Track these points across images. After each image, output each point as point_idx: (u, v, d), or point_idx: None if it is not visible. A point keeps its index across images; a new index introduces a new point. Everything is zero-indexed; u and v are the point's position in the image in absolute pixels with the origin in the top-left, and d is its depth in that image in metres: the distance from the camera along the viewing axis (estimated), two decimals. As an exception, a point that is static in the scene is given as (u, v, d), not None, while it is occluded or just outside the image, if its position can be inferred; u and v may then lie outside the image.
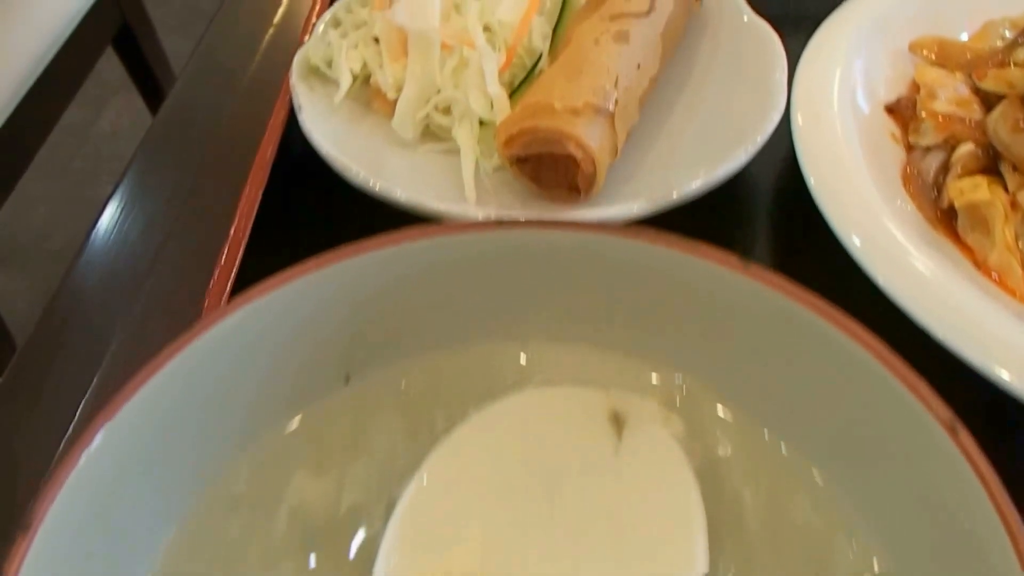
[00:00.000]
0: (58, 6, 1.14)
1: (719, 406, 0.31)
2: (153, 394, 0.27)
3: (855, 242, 0.41)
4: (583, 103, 0.41)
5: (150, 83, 1.36)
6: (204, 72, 0.67)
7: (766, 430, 0.30)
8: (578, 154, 0.41)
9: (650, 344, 0.32)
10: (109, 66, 1.30)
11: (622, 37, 0.45)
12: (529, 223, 0.31)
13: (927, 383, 0.26)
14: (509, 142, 0.42)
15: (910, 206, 0.45)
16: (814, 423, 0.29)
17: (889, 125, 0.49)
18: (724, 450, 0.30)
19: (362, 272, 0.30)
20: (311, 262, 0.29)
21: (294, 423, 0.31)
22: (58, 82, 1.14)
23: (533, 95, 0.43)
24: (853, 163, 0.45)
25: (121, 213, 0.55)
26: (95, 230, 0.54)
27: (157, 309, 0.47)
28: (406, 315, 0.32)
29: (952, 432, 0.25)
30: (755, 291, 0.29)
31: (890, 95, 0.51)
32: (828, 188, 0.43)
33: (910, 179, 0.46)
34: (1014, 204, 0.42)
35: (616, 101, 0.43)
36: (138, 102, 1.40)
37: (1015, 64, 0.47)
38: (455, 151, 0.47)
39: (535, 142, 0.42)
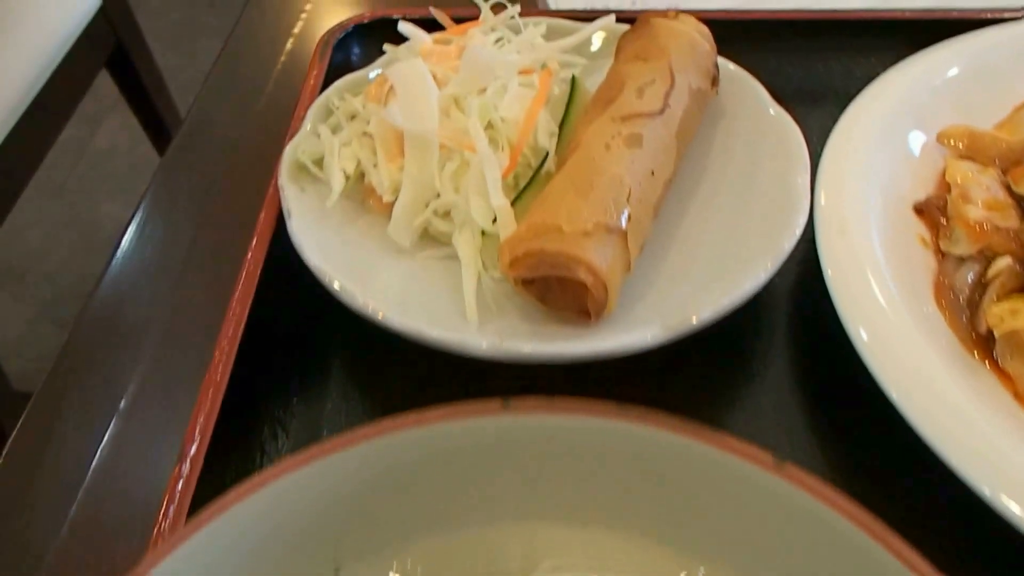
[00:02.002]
0: (51, 29, 1.11)
1: (748, 608, 0.28)
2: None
3: (872, 354, 0.38)
4: (593, 224, 0.38)
5: (145, 102, 1.33)
6: (217, 98, 0.66)
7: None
8: (588, 280, 0.38)
9: (670, 531, 0.29)
10: (105, 82, 1.28)
11: (634, 141, 0.42)
12: (538, 406, 0.28)
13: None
14: (515, 263, 0.39)
15: (942, 323, 0.42)
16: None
17: (918, 227, 0.46)
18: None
19: (349, 464, 0.27)
20: (299, 457, 0.26)
21: (278, 625, 0.28)
22: (52, 105, 1.11)
23: (541, 212, 0.40)
24: (880, 275, 0.42)
25: (117, 283, 0.53)
26: (93, 298, 0.52)
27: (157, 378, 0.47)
28: (400, 502, 0.29)
29: None
30: (790, 494, 0.26)
31: (918, 190, 0.48)
32: (854, 306, 0.40)
33: (942, 292, 0.43)
34: (1058, 331, 0.39)
35: (629, 217, 0.40)
36: (135, 118, 1.37)
37: (1053, 168, 0.44)
38: (455, 256, 0.44)
39: (542, 265, 0.39)
